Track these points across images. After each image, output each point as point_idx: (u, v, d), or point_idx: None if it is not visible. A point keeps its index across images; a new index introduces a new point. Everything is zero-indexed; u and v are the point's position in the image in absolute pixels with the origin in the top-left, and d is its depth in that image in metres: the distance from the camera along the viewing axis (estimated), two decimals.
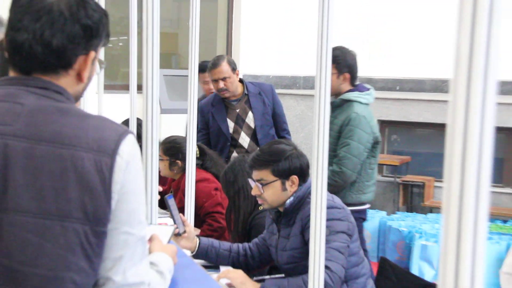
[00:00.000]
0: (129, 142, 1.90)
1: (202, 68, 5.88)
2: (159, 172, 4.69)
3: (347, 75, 5.19)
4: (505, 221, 7.95)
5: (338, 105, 5.24)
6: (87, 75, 2.02)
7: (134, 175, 1.91)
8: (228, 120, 6.03)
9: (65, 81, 1.95)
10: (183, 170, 5.03)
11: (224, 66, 5.87)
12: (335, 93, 5.22)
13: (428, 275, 7.23)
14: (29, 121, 1.82)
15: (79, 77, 1.98)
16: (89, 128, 1.87)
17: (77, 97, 2.10)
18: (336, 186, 4.95)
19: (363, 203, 5.38)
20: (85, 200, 1.78)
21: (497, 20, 1.15)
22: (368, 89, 5.25)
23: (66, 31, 1.87)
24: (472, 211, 1.17)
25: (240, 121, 6.02)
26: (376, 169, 5.56)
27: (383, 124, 9.47)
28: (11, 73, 1.94)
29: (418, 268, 7.41)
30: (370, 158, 5.32)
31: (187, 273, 2.50)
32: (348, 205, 3.96)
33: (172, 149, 5.24)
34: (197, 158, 5.00)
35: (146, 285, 1.95)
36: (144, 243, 1.98)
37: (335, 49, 5.13)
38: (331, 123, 4.67)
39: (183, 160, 4.71)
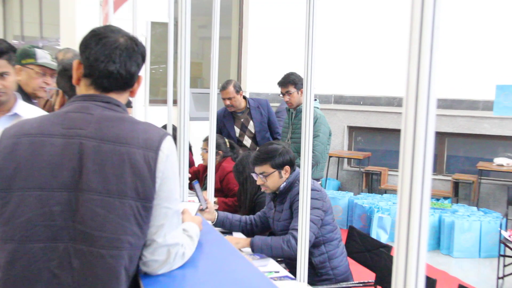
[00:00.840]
0: (168, 141, 1.98)
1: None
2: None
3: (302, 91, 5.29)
4: (437, 199, 7.99)
5: (300, 111, 5.37)
6: (137, 91, 2.14)
7: (171, 165, 1.97)
8: (235, 127, 6.09)
9: (124, 97, 2.08)
10: (221, 158, 5.24)
11: (230, 89, 5.95)
12: (298, 104, 5.45)
13: (383, 239, 7.29)
14: (97, 126, 1.90)
15: (132, 93, 2.12)
16: (139, 131, 1.95)
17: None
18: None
19: (321, 177, 5.75)
20: (137, 183, 1.86)
21: (436, 52, 1.16)
22: (316, 100, 5.39)
23: (136, 61, 2.03)
24: (419, 192, 1.18)
25: (244, 128, 6.06)
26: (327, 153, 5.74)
27: (351, 129, 9.60)
28: (89, 91, 2.00)
29: (376, 233, 7.44)
30: (327, 146, 5.51)
31: (209, 237, 2.51)
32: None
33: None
34: (229, 151, 5.31)
35: (180, 245, 2.01)
36: (178, 215, 2.04)
37: (291, 75, 5.35)
38: (298, 124, 5.19)
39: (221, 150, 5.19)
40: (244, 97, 6.16)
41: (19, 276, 1.83)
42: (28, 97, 3.48)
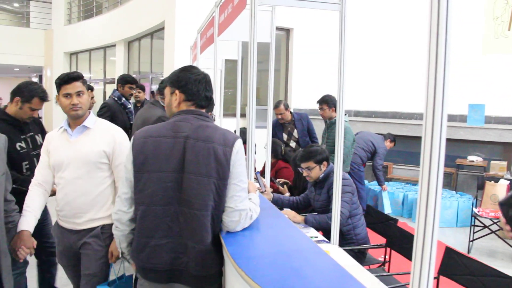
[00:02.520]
0: (238, 142, 2.13)
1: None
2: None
3: (334, 109, 5.25)
4: None
5: (334, 123, 5.24)
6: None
7: (240, 157, 2.11)
8: (284, 134, 6.00)
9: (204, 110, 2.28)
10: (279, 157, 5.10)
11: (281, 107, 5.88)
12: (329, 118, 5.38)
13: (387, 212, 7.17)
14: (194, 131, 2.12)
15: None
16: (220, 134, 2.12)
17: None
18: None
19: (347, 171, 5.46)
20: (218, 168, 2.05)
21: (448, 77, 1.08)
22: (346, 115, 5.30)
23: (211, 89, 2.27)
24: (434, 183, 1.10)
25: (290, 134, 5.98)
26: (351, 155, 5.58)
27: None
28: (190, 108, 2.21)
29: (383, 209, 7.31)
30: (351, 149, 5.39)
31: (270, 211, 2.50)
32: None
33: (272, 147, 5.11)
34: (284, 153, 5.12)
35: (248, 209, 2.12)
36: (246, 190, 2.15)
37: (325, 96, 5.23)
38: (332, 132, 5.10)
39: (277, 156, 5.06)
40: (290, 112, 6.08)
41: (148, 226, 2.10)
42: None
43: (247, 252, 1.89)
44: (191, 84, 2.19)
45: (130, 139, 2.27)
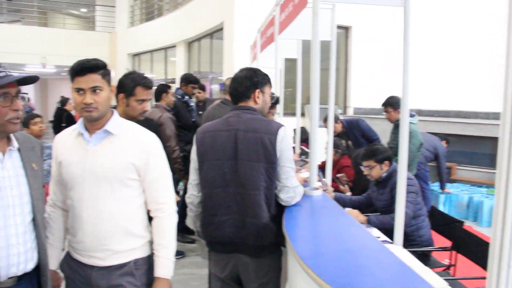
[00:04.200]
0: (282, 130, 2.37)
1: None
2: None
3: (399, 110, 5.01)
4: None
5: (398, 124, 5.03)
6: (258, 101, 2.51)
7: (286, 144, 2.37)
8: None
9: (251, 102, 2.50)
10: (340, 155, 5.06)
11: None
12: (395, 120, 5.12)
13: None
14: (244, 123, 2.41)
15: (254, 101, 2.50)
16: (265, 124, 2.40)
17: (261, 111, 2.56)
18: None
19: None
20: (266, 154, 2.33)
21: None
22: (413, 115, 5.03)
23: (249, 82, 2.50)
24: None
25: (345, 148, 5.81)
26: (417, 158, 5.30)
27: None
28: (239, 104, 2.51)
29: (448, 211, 7.06)
30: (416, 153, 5.11)
31: (334, 210, 2.50)
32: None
33: (335, 145, 5.03)
34: (346, 149, 5.07)
35: (299, 186, 2.45)
36: (294, 170, 2.43)
37: (390, 98, 5.04)
38: (397, 134, 4.68)
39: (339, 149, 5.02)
40: (342, 122, 5.88)
41: (211, 206, 2.45)
42: None
43: (312, 249, 1.91)
44: (234, 82, 2.57)
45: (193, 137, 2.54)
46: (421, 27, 8.36)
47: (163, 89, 4.93)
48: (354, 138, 5.75)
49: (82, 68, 1.96)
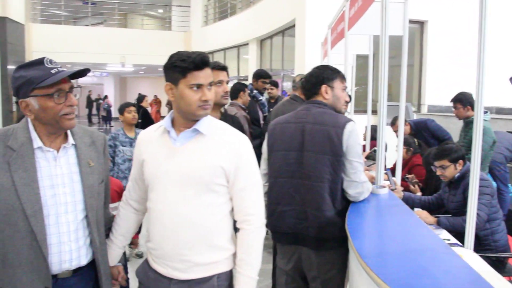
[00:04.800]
0: (350, 124, 2.38)
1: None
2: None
3: (469, 107, 4.75)
4: None
5: (471, 122, 4.75)
6: (326, 96, 2.54)
7: (353, 139, 2.37)
8: None
9: (320, 97, 2.56)
10: (412, 153, 4.91)
11: (397, 123, 5.43)
12: (464, 118, 4.92)
13: None
14: (312, 117, 2.47)
15: (321, 96, 2.55)
16: (333, 118, 2.43)
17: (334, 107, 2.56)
18: None
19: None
20: (331, 147, 2.35)
21: None
22: (486, 112, 4.76)
23: (315, 79, 2.59)
24: None
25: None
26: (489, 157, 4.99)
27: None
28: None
29: None
30: (489, 152, 4.81)
31: (399, 209, 2.43)
32: None
33: (407, 143, 4.89)
34: (418, 148, 4.94)
35: (366, 182, 2.43)
36: (363, 165, 2.42)
37: (459, 94, 4.79)
38: (469, 132, 4.65)
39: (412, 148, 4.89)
40: (409, 123, 5.69)
41: (275, 195, 2.52)
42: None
43: (373, 248, 1.87)
44: (306, 82, 2.67)
45: (264, 132, 2.67)
46: (500, 20, 7.89)
47: (240, 87, 5.03)
48: (424, 140, 5.56)
49: (203, 62, 1.78)
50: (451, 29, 8.90)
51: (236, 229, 1.93)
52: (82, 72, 1.76)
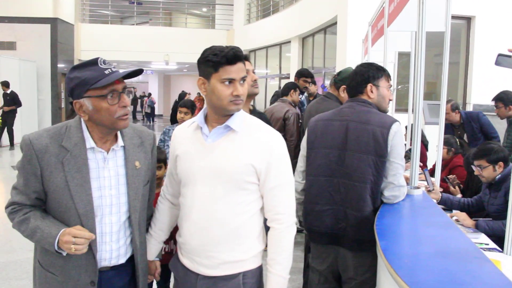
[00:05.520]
0: (396, 125, 2.30)
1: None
2: None
3: (511, 106, 4.61)
4: None
5: None
6: (372, 95, 2.48)
7: (398, 139, 2.29)
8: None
9: (365, 96, 2.49)
10: (454, 154, 4.73)
11: (448, 106, 5.26)
12: (506, 117, 4.88)
13: None
14: (356, 115, 2.40)
15: (367, 95, 2.49)
16: (379, 117, 2.36)
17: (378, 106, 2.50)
18: None
19: None
20: (376, 147, 2.28)
21: None
22: None
23: (361, 77, 2.52)
24: None
25: (460, 138, 5.36)
26: None
27: None
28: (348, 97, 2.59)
29: None
30: None
31: (431, 210, 2.36)
32: None
33: (448, 143, 4.75)
34: (460, 148, 4.77)
35: (404, 186, 2.36)
36: (403, 168, 2.35)
37: (501, 93, 4.61)
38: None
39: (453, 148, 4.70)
40: (460, 113, 5.50)
41: (314, 194, 2.46)
42: None
43: (400, 249, 1.82)
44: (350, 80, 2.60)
45: (301, 130, 2.55)
46: None
47: (292, 86, 5.19)
48: (471, 131, 5.37)
49: (235, 56, 1.75)
50: (499, 25, 8.53)
51: (267, 227, 1.90)
52: (136, 73, 1.76)
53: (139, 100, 25.52)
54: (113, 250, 1.82)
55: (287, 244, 1.84)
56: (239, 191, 1.80)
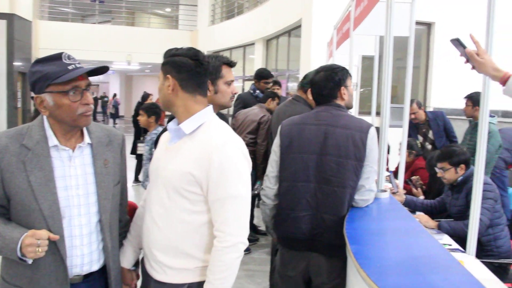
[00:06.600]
0: (372, 129, 2.33)
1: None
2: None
3: (478, 108, 4.69)
4: None
5: (478, 124, 4.71)
6: (345, 97, 2.49)
7: (374, 143, 2.32)
8: (418, 136, 5.63)
9: (338, 101, 2.48)
10: (415, 156, 4.88)
11: (414, 106, 5.49)
12: (471, 116, 5.02)
13: None
14: (333, 119, 2.38)
15: (341, 99, 2.48)
16: (356, 122, 2.38)
17: (348, 106, 2.56)
18: None
19: None
20: (355, 151, 2.28)
21: None
22: (493, 116, 4.71)
23: (331, 82, 2.47)
24: None
25: (425, 136, 5.59)
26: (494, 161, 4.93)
27: None
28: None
29: None
30: (494, 155, 4.77)
31: (398, 213, 2.38)
32: None
33: (409, 146, 4.81)
34: (421, 150, 4.90)
35: (374, 191, 2.38)
36: (376, 174, 2.40)
37: (473, 93, 4.79)
38: (475, 134, 4.37)
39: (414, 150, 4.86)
40: (425, 111, 5.68)
41: (290, 200, 2.39)
42: None
43: (371, 253, 1.82)
44: (315, 83, 2.54)
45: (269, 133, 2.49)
46: (508, 22, 7.78)
47: (271, 95, 5.24)
48: (437, 128, 5.53)
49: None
50: (458, 31, 8.75)
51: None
52: (101, 70, 1.69)
53: (99, 101, 25.03)
54: (84, 255, 1.72)
55: (223, 266, 1.66)
56: (181, 198, 1.70)
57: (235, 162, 1.69)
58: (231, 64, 2.23)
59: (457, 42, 2.09)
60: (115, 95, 25.13)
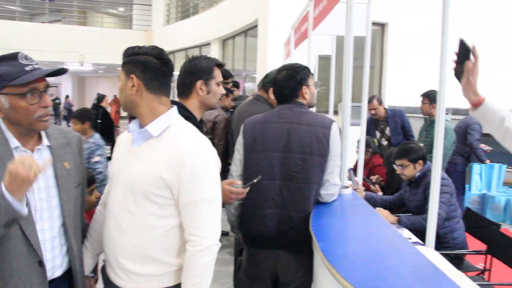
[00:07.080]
0: (334, 125, 2.37)
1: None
2: None
3: (435, 105, 4.88)
4: None
5: (434, 121, 4.88)
6: (307, 96, 2.50)
7: (337, 138, 2.36)
8: (376, 132, 5.75)
9: (301, 99, 2.49)
10: (371, 154, 4.92)
11: (375, 102, 5.63)
12: (428, 114, 5.21)
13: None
14: (296, 116, 2.40)
15: (303, 97, 2.49)
16: (318, 118, 2.40)
17: (310, 104, 2.56)
18: None
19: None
20: (319, 147, 2.31)
21: None
22: (447, 113, 4.91)
23: (293, 81, 2.48)
24: None
25: (382, 132, 5.72)
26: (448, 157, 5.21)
27: None
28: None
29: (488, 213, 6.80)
30: (449, 150, 5.04)
31: (364, 209, 2.45)
32: None
33: (366, 143, 4.90)
34: (377, 148, 4.98)
35: (338, 185, 2.42)
36: (339, 168, 2.44)
37: (429, 91, 4.94)
38: (431, 131, 4.75)
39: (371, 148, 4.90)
40: (385, 108, 5.83)
41: (255, 199, 2.36)
42: None
43: (339, 249, 1.85)
44: (277, 83, 2.54)
45: (230, 133, 2.47)
46: (462, 23, 8.09)
47: (225, 92, 5.06)
48: (394, 126, 5.67)
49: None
50: (411, 31, 9.08)
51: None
52: (60, 71, 1.62)
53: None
54: (47, 261, 1.63)
55: (198, 270, 1.64)
56: (149, 203, 1.64)
57: (207, 165, 1.66)
58: (220, 65, 2.24)
59: (462, 43, 1.91)
60: (67, 96, 24.43)
